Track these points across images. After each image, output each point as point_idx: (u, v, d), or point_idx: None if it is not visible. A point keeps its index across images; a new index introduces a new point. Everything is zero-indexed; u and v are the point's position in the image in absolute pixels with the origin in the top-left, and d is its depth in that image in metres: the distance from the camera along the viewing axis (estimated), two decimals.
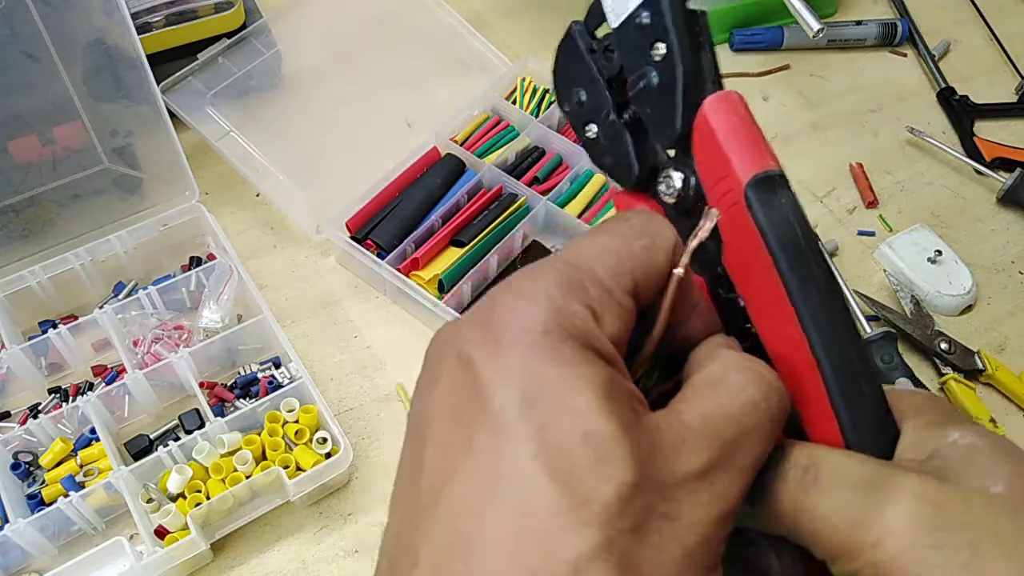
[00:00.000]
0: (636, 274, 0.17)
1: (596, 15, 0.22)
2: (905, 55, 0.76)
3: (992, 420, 0.53)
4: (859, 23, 0.75)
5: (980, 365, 0.54)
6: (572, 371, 0.15)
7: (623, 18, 0.20)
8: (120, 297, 0.53)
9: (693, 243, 0.19)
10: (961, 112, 0.70)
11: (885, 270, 0.60)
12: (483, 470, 0.15)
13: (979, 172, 0.66)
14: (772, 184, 0.19)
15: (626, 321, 0.17)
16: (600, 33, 0.23)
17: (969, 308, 0.58)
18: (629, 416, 0.15)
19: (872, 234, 0.63)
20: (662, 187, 0.21)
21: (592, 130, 0.22)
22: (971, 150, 0.68)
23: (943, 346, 0.55)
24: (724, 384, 0.17)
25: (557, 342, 0.15)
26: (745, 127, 0.19)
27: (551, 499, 0.14)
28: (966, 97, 0.71)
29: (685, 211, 0.20)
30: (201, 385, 0.49)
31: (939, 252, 0.58)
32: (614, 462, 0.14)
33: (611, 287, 0.17)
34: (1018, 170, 0.64)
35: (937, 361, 0.55)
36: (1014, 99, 0.73)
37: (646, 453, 0.15)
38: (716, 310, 0.20)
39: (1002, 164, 0.66)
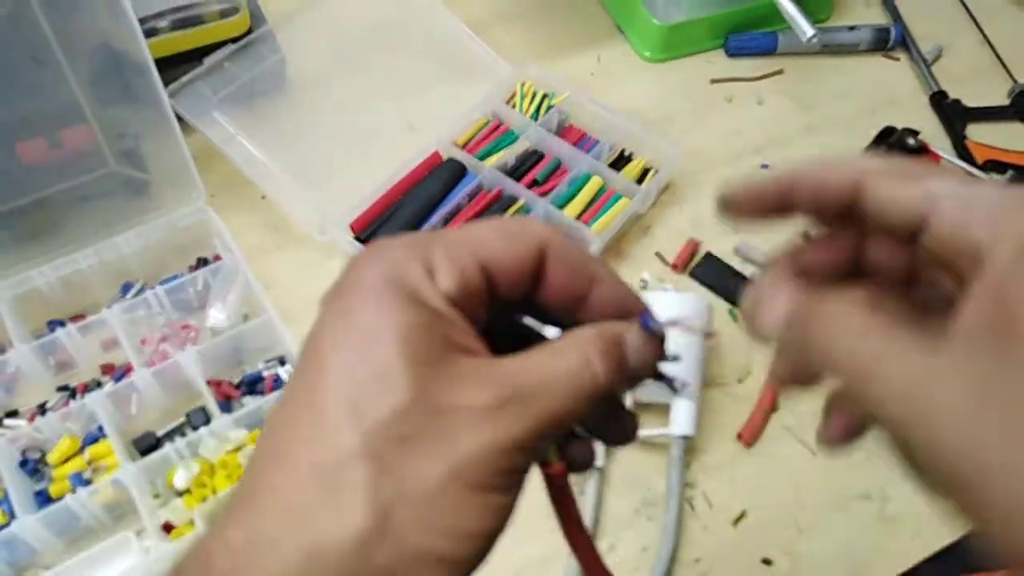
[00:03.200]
0: (486, 252, 0.21)
1: None
2: (898, 59, 0.77)
3: None
4: (852, 28, 0.76)
5: None
6: (387, 314, 0.19)
7: None
8: (128, 297, 0.54)
9: None
10: (953, 115, 0.72)
11: None
12: (299, 397, 0.20)
13: (971, 175, 0.67)
14: None
15: (468, 281, 0.20)
16: None
17: None
18: (426, 352, 0.19)
19: None
20: None
21: None
22: (963, 153, 0.69)
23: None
24: (552, 351, 0.20)
25: (385, 291, 0.19)
26: None
27: (338, 414, 0.19)
28: (958, 101, 0.73)
29: None
30: (208, 383, 0.49)
31: None
32: (393, 388, 0.18)
33: (456, 254, 0.20)
34: (1010, 172, 0.65)
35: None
36: (1006, 102, 0.74)
37: (431, 384, 0.19)
38: None
39: (994, 167, 0.68)
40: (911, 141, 0.65)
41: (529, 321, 0.25)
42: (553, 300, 0.22)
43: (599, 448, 0.48)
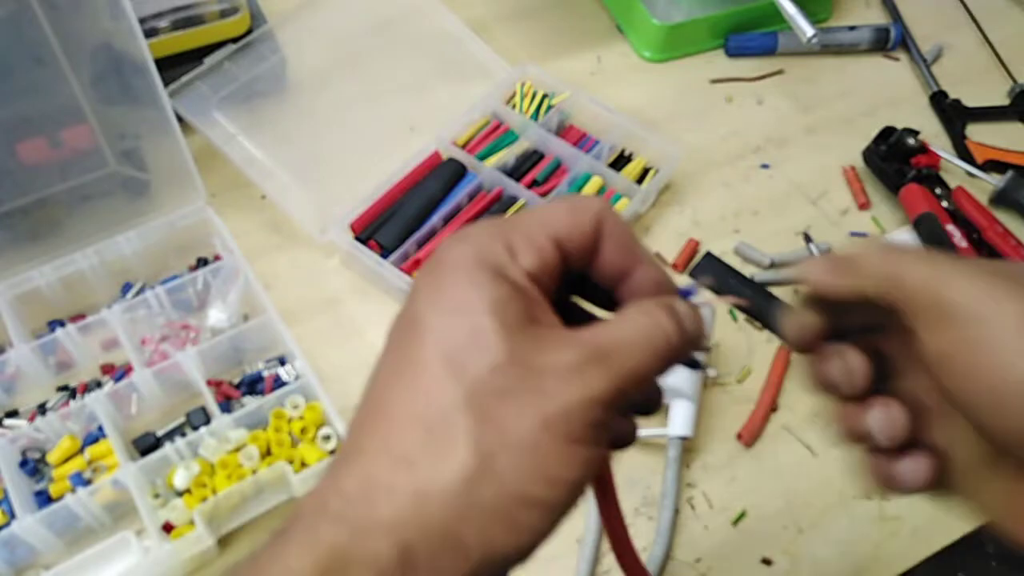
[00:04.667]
0: (558, 226, 0.23)
1: None
2: (898, 59, 0.77)
3: None
4: (852, 28, 0.76)
5: None
6: (478, 288, 0.21)
7: None
8: (128, 297, 0.54)
9: None
10: (953, 115, 0.72)
11: None
12: (398, 358, 0.22)
13: (971, 174, 0.67)
14: None
15: (544, 258, 0.22)
16: None
17: None
18: (515, 320, 0.21)
19: (865, 235, 0.64)
20: None
21: None
22: (963, 153, 0.70)
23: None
24: (624, 317, 0.23)
25: (474, 269, 0.21)
26: None
27: (438, 371, 0.21)
28: (958, 100, 0.73)
29: None
30: (208, 383, 0.49)
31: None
32: (489, 348, 0.21)
33: (533, 234, 0.23)
34: (1010, 172, 0.65)
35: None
36: (1006, 102, 0.74)
37: (523, 346, 0.21)
38: None
39: (994, 167, 0.68)
40: (911, 141, 0.65)
41: (579, 302, 0.26)
42: (604, 274, 0.24)
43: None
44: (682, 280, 0.61)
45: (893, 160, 0.65)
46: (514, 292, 0.21)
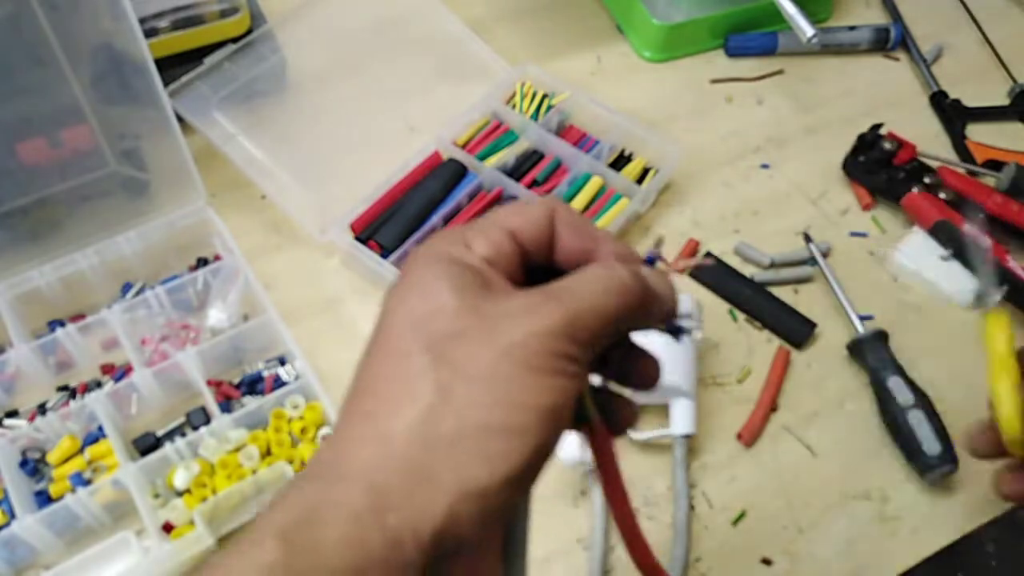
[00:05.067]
0: (511, 221, 0.25)
1: None
2: (898, 59, 0.77)
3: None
4: (852, 28, 0.76)
5: None
6: (434, 270, 0.23)
7: None
8: (128, 297, 0.54)
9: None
10: (953, 115, 0.72)
11: (896, 277, 0.61)
12: (375, 340, 0.24)
13: (972, 174, 0.67)
14: None
15: (498, 246, 0.24)
16: None
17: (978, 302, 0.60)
18: (469, 286, 0.23)
19: (865, 235, 0.64)
20: None
21: None
22: (963, 153, 0.69)
23: None
24: (578, 270, 0.24)
25: (431, 260, 0.24)
26: None
27: (404, 335, 0.23)
28: (958, 100, 0.73)
29: None
30: (208, 383, 0.49)
31: (950, 251, 0.60)
32: (444, 305, 0.22)
33: (486, 229, 0.25)
34: (1013, 164, 0.65)
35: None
36: (1006, 102, 0.74)
37: (477, 301, 0.23)
38: None
39: (994, 166, 0.67)
40: (887, 145, 0.65)
41: None
42: (567, 260, 0.26)
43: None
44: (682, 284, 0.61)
45: (878, 169, 0.65)
46: (468, 270, 0.23)
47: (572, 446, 0.46)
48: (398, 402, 0.21)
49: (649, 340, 0.27)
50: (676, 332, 0.27)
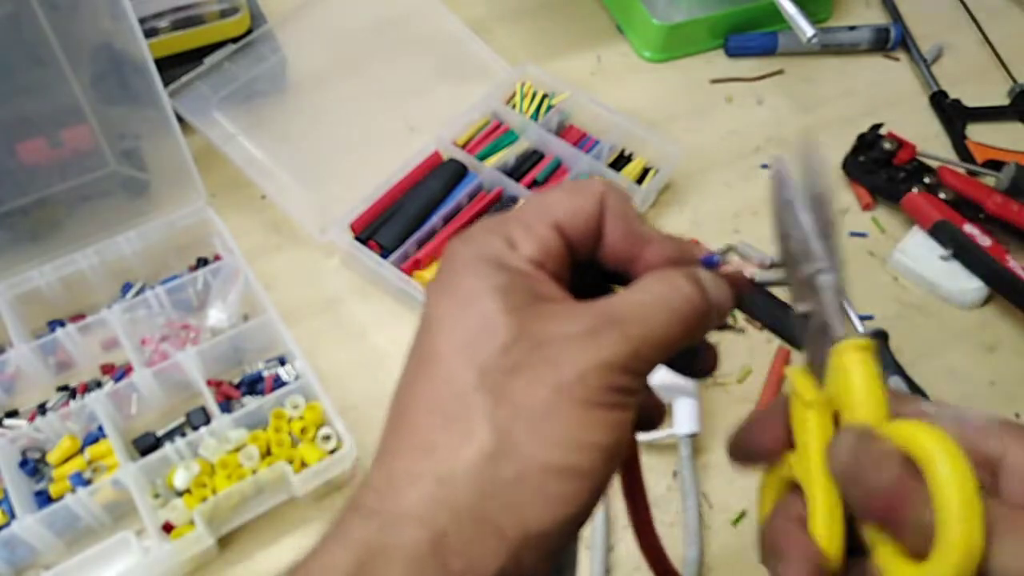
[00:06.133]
0: (558, 212, 0.23)
1: None
2: (898, 59, 0.77)
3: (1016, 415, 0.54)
4: (852, 28, 0.76)
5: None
6: (481, 279, 0.22)
7: None
8: (128, 297, 0.54)
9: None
10: (953, 115, 0.72)
11: (896, 277, 0.61)
12: (418, 357, 0.22)
13: (973, 173, 0.67)
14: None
15: (545, 244, 0.23)
16: None
17: (988, 301, 0.60)
18: (521, 301, 0.21)
19: (865, 235, 0.64)
20: None
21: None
22: (963, 153, 0.69)
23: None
24: (639, 285, 0.23)
25: (476, 263, 0.22)
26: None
27: (453, 359, 0.21)
28: (958, 100, 0.73)
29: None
30: (208, 383, 0.49)
31: (951, 251, 0.60)
32: (496, 329, 0.21)
33: (531, 223, 0.23)
34: (1013, 164, 0.65)
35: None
36: (1006, 102, 0.74)
37: (529, 323, 0.21)
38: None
39: (994, 166, 0.67)
40: (887, 145, 0.65)
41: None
42: (611, 257, 0.24)
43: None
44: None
45: (878, 169, 0.65)
46: (516, 277, 0.22)
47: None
48: (455, 441, 0.20)
49: None
50: (722, 328, 0.25)
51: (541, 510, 0.20)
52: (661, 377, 0.25)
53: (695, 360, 0.26)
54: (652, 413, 0.26)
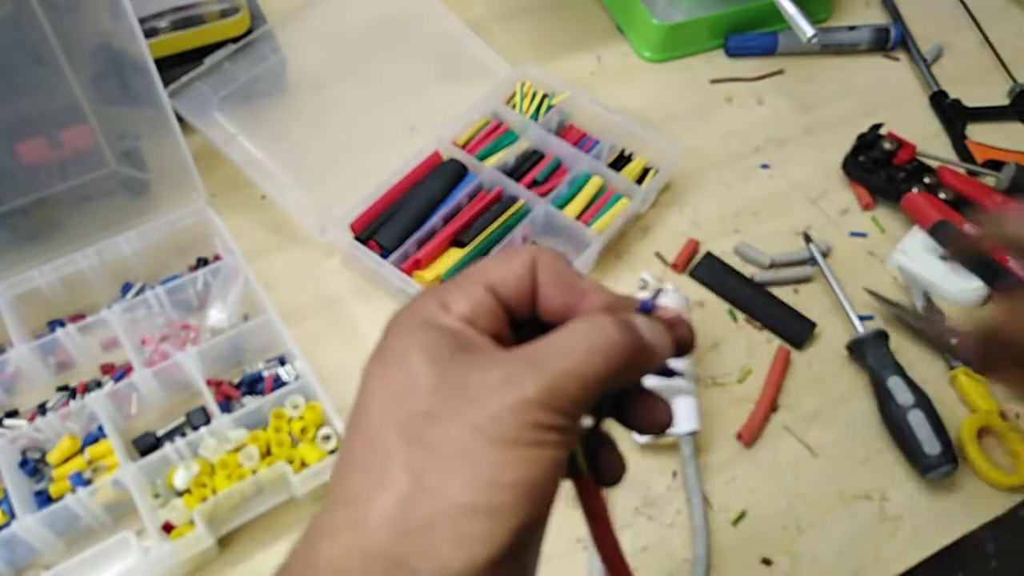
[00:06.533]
0: (490, 275, 0.24)
1: None
2: (898, 59, 0.77)
3: (1001, 414, 0.54)
4: (852, 28, 0.76)
5: None
6: (408, 339, 0.23)
7: None
8: (128, 297, 0.54)
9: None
10: (953, 115, 0.72)
11: (895, 277, 0.61)
12: (352, 419, 0.23)
13: (972, 173, 0.67)
14: None
15: (477, 303, 0.24)
16: None
17: (987, 301, 0.60)
18: (447, 353, 0.22)
19: (865, 235, 0.64)
20: None
21: None
22: (963, 153, 0.69)
23: (954, 340, 0.56)
24: (562, 328, 0.23)
25: (407, 327, 0.23)
26: None
27: (378, 415, 0.22)
28: (958, 100, 0.73)
29: None
30: (208, 383, 0.49)
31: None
32: (419, 381, 0.22)
33: (465, 286, 0.24)
34: (1013, 164, 0.65)
35: (947, 355, 0.57)
36: (1006, 102, 0.74)
37: (454, 372, 0.22)
38: None
39: (994, 166, 0.67)
40: (887, 145, 0.65)
41: None
42: (550, 313, 0.24)
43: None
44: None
45: (878, 169, 0.65)
46: (445, 334, 0.23)
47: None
48: (374, 488, 0.21)
49: None
50: (667, 374, 0.26)
51: (457, 550, 0.20)
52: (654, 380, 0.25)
53: (642, 410, 0.26)
54: (612, 468, 0.26)
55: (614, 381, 0.22)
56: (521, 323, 0.25)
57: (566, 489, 0.52)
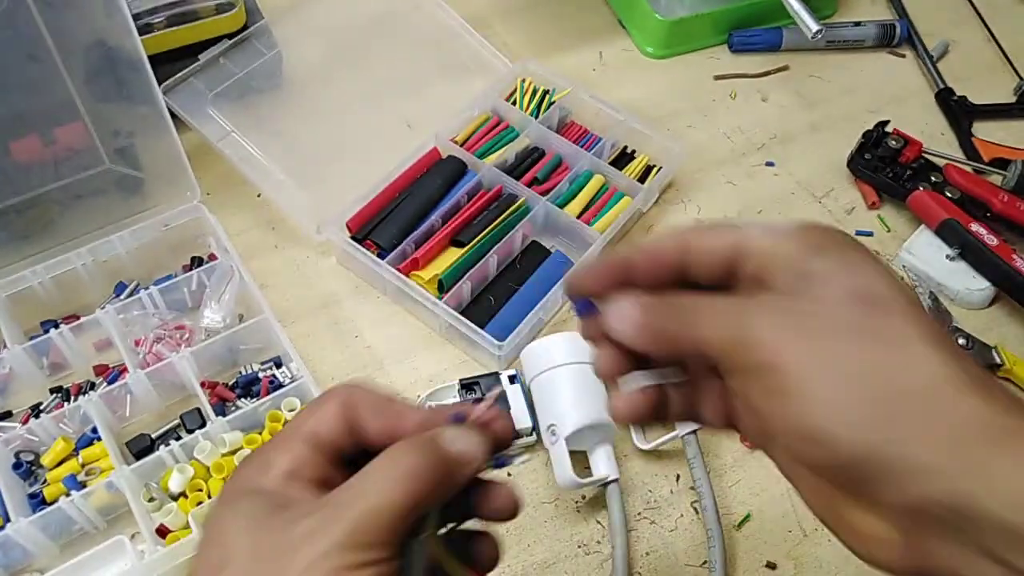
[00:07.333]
0: (307, 425, 0.25)
1: None
2: (904, 56, 0.76)
3: None
4: (858, 24, 0.75)
5: (998, 360, 0.55)
6: (228, 508, 0.24)
7: None
8: (122, 297, 0.53)
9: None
10: (959, 113, 0.71)
11: (902, 276, 0.61)
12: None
13: (979, 171, 0.66)
14: None
15: (297, 457, 0.25)
16: None
17: (994, 301, 0.59)
18: (265, 516, 0.23)
19: (870, 234, 0.63)
20: None
21: None
22: (969, 151, 0.69)
23: (961, 341, 0.55)
24: (368, 466, 0.24)
25: (229, 496, 0.25)
26: None
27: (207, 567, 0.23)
28: (964, 98, 0.72)
29: None
30: (202, 384, 0.49)
31: (957, 250, 0.59)
32: (236, 549, 0.23)
33: (284, 442, 0.25)
34: (1019, 161, 0.64)
35: None
36: (1012, 99, 0.73)
37: (271, 535, 0.23)
38: None
39: (1000, 164, 0.67)
40: (893, 143, 0.64)
41: None
42: (378, 439, 0.25)
43: (612, 460, 0.47)
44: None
45: (884, 167, 0.64)
46: (263, 496, 0.24)
47: (566, 470, 0.45)
48: None
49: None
50: (500, 466, 0.26)
51: None
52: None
53: (483, 501, 0.26)
54: (484, 552, 0.27)
55: (427, 501, 0.23)
56: (363, 452, 0.25)
57: (568, 495, 0.51)
